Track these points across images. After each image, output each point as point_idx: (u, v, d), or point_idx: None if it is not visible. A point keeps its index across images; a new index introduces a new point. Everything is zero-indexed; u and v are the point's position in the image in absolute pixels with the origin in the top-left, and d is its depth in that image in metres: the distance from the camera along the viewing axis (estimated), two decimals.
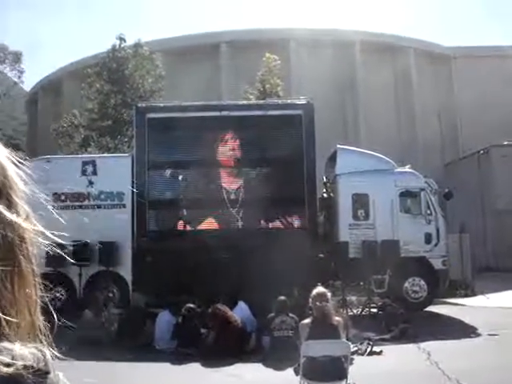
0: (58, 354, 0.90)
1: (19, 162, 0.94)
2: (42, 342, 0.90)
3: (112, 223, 14.65)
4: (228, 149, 15.47)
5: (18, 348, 0.83)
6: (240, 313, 12.01)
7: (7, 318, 0.84)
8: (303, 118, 15.40)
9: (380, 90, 37.24)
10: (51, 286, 0.96)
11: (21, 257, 0.88)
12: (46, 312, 0.94)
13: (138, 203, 14.94)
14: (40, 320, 0.92)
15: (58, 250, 0.99)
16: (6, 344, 0.83)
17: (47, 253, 0.98)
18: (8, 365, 0.79)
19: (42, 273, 0.92)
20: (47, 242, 0.95)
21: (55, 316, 0.98)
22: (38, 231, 0.93)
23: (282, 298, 11.04)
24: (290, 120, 15.58)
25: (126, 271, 14.95)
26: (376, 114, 36.21)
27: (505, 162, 27.50)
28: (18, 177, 0.93)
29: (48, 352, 0.86)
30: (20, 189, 0.92)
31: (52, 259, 1.41)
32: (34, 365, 0.82)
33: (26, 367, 0.80)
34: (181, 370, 10.09)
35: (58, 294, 13.90)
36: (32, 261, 0.91)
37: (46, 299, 0.94)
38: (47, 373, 0.83)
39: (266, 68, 25.57)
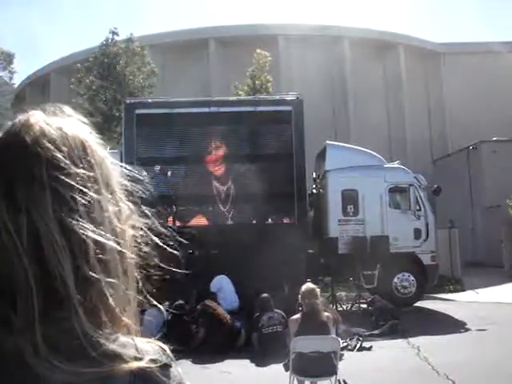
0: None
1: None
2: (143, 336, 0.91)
3: None
4: (216, 145, 15.41)
5: (139, 342, 0.85)
6: (225, 284, 12.60)
7: (121, 311, 0.86)
8: (293, 113, 15.35)
9: (369, 86, 37.30)
10: None
11: (127, 255, 0.89)
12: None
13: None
14: (137, 316, 0.94)
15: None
16: (126, 338, 0.84)
17: None
18: (137, 359, 0.81)
19: None
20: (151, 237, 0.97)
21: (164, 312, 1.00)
22: (140, 225, 0.96)
23: (265, 295, 11.01)
24: (280, 116, 15.53)
25: None
26: (365, 110, 36.26)
27: (494, 158, 27.62)
28: (118, 174, 0.94)
29: (166, 346, 0.88)
30: (119, 181, 0.93)
31: None
32: (159, 358, 0.84)
33: (153, 361, 0.82)
34: None
35: None
36: (134, 259, 0.92)
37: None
38: (170, 366, 0.85)
39: (256, 64, 25.49)
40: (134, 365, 0.80)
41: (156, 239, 0.98)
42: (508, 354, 9.40)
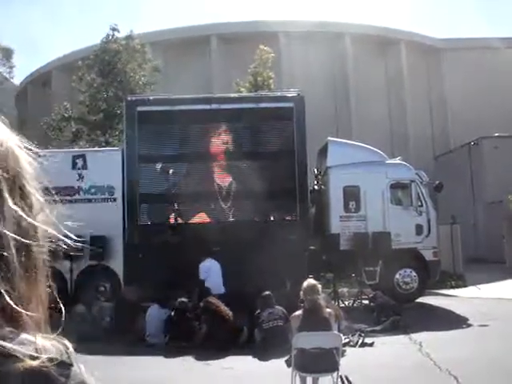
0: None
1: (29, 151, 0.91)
2: (54, 334, 0.88)
3: (103, 217, 14.49)
4: (218, 142, 15.41)
5: (39, 340, 0.82)
6: (212, 270, 12.83)
7: (25, 310, 0.83)
8: (294, 110, 15.34)
9: (371, 83, 37.25)
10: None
11: (35, 250, 0.87)
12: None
13: (128, 197, 14.88)
14: (47, 312, 0.91)
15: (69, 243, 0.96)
16: (27, 336, 0.82)
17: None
18: (33, 357, 0.78)
19: None
20: (62, 235, 0.94)
21: (63, 308, 0.96)
22: (52, 223, 0.91)
23: (266, 292, 11.02)
24: (281, 112, 15.51)
25: (117, 265, 14.88)
26: (367, 106, 36.22)
27: (496, 154, 27.60)
28: (31, 166, 0.91)
29: (70, 344, 0.85)
30: (33, 179, 0.90)
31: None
32: (58, 357, 0.81)
33: (50, 360, 0.79)
34: (173, 363, 10.09)
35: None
36: (45, 254, 0.89)
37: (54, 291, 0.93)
38: (70, 365, 0.83)
39: (258, 60, 25.44)
40: (28, 364, 0.77)
41: (69, 233, 0.95)
42: (510, 349, 9.42)
